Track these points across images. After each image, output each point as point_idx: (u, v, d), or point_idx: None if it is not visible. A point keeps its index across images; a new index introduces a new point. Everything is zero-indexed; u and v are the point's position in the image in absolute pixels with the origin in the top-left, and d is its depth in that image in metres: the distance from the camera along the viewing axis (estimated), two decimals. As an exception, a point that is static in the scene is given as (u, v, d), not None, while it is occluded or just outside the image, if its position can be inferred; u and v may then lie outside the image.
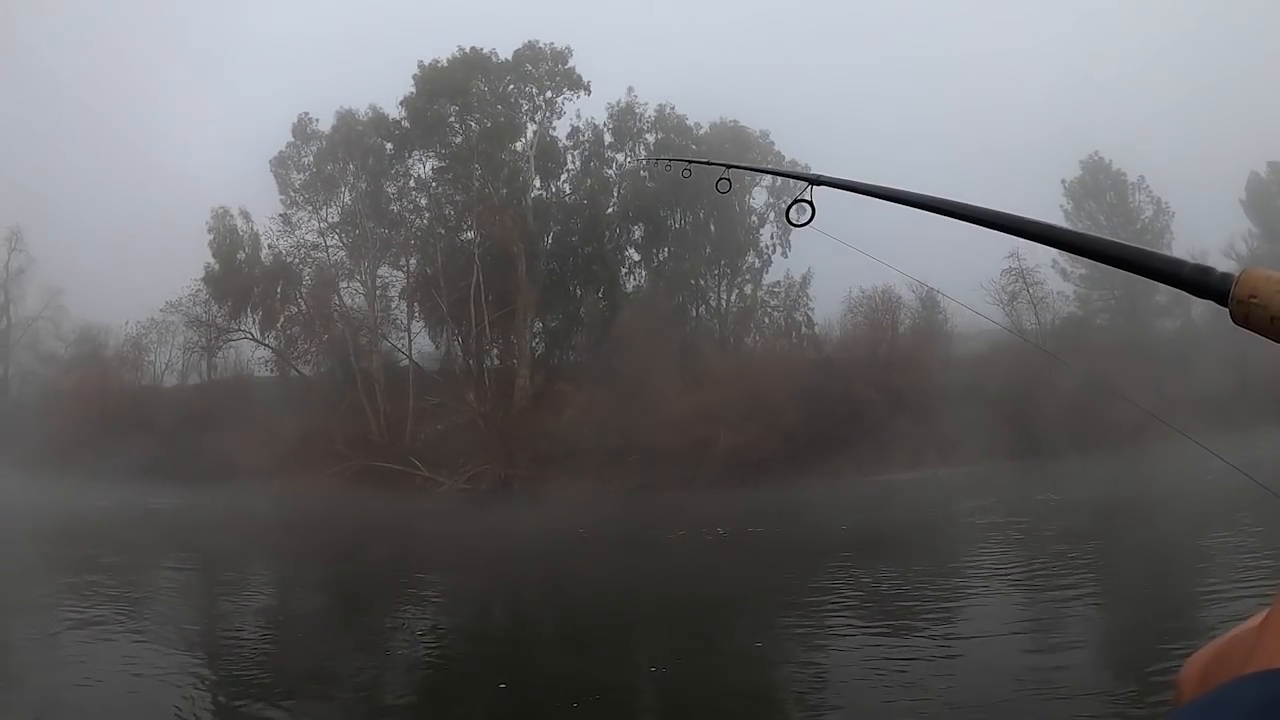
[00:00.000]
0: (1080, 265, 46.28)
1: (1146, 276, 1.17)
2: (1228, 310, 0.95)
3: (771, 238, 47.82)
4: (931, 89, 66.72)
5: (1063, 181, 48.22)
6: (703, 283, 48.37)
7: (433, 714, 10.70)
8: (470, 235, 45.85)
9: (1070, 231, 1.37)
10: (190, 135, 72.06)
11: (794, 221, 2.52)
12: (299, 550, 25.96)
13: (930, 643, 11.81)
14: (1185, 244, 44.96)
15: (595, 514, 30.79)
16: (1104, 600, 14.02)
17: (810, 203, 2.46)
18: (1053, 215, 44.56)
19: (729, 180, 4.49)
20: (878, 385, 37.84)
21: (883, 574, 17.22)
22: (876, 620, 13.45)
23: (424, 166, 48.06)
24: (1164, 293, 42.53)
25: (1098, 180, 47.89)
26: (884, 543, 21.43)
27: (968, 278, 41.26)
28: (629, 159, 48.55)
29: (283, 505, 35.01)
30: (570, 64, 48.12)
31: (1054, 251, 45.43)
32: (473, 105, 46.95)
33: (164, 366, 54.24)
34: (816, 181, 2.48)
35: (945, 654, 11.25)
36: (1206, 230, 44.15)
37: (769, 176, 46.83)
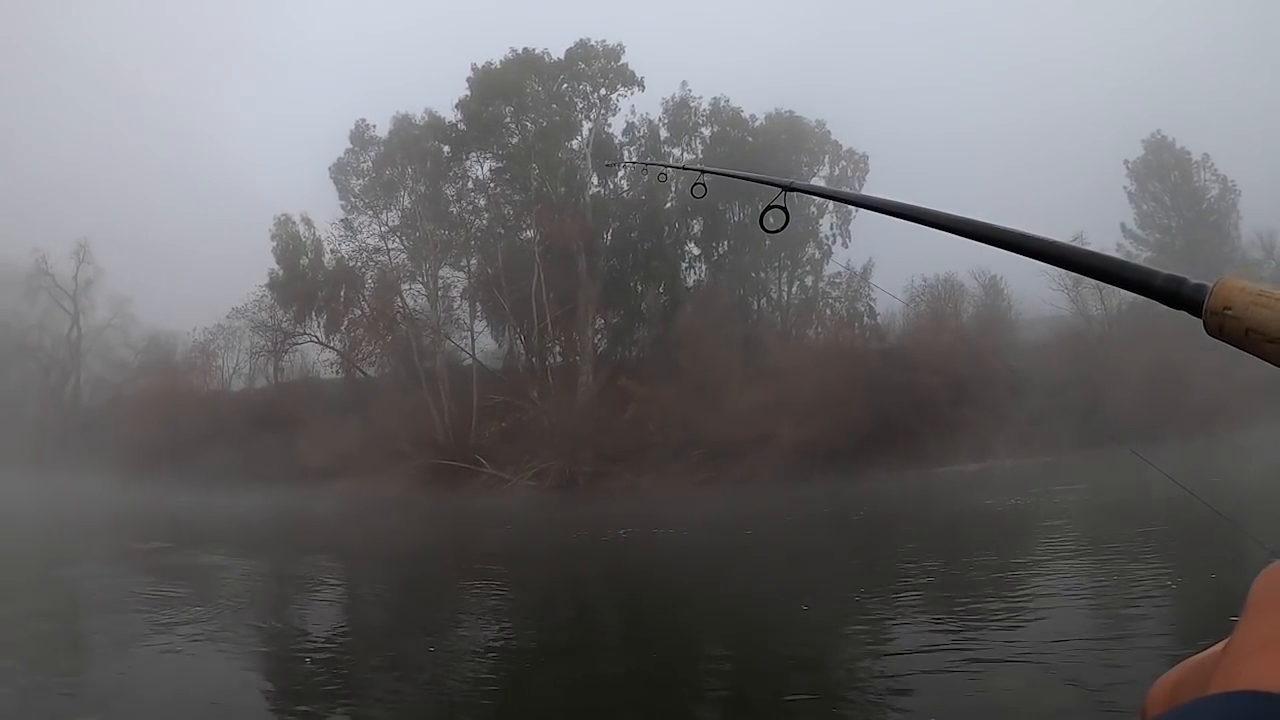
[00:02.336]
0: (1147, 248, 46.27)
1: (1118, 286, 1.22)
2: (1202, 322, 0.97)
3: (831, 228, 48.47)
4: (989, 72, 66.62)
5: (1125, 162, 47.90)
6: (763, 275, 49.43)
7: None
8: (530, 234, 47.42)
9: (1040, 239, 1.40)
10: (251, 145, 75.15)
11: (768, 228, 2.53)
12: (464, 549, 25.75)
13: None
14: (1253, 222, 44.91)
15: (710, 506, 31.14)
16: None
17: (784, 209, 2.47)
18: (1116, 197, 44.86)
19: (704, 185, 4.58)
20: (942, 375, 38.01)
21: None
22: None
23: (482, 168, 49.87)
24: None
25: (1161, 159, 47.38)
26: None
27: (1031, 263, 41.55)
28: (682, 151, 49.42)
29: (373, 504, 36.42)
30: (623, 60, 49.28)
31: (1120, 234, 45.71)
32: (527, 105, 48.43)
33: (231, 371, 56.64)
34: (789, 188, 2.51)
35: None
36: (1275, 208, 43.86)
37: (828, 166, 47.81)
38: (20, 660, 12.26)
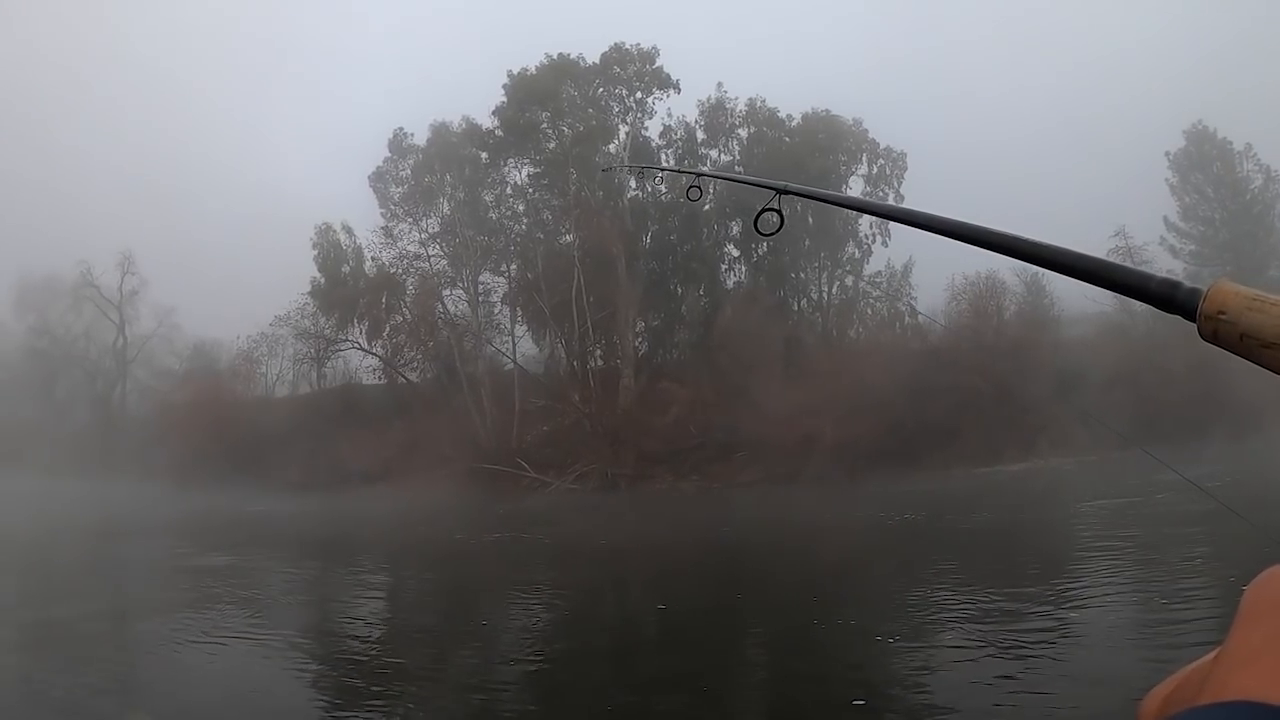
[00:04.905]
0: (1190, 241, 46.26)
1: (1112, 290, 1.21)
2: (1196, 327, 0.97)
3: (870, 227, 48.84)
4: (1026, 68, 66.74)
5: (1167, 154, 47.79)
6: (803, 276, 50.10)
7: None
8: (569, 238, 48.58)
9: (1030, 242, 1.37)
10: (292, 155, 76.81)
11: (762, 231, 2.52)
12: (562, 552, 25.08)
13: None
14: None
15: (768, 506, 31.57)
16: None
17: (779, 211, 2.46)
18: (1157, 190, 44.84)
19: (700, 188, 5.02)
20: (985, 374, 38.25)
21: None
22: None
23: (520, 173, 51.07)
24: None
25: (1203, 150, 47.19)
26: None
27: (1073, 259, 41.75)
28: (719, 153, 50.11)
29: (430, 507, 36.69)
30: (658, 63, 50.10)
31: (1163, 228, 45.74)
32: (564, 110, 49.37)
33: (275, 378, 58.18)
34: (783, 191, 2.48)
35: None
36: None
37: (866, 165, 48.22)
38: (85, 661, 12.88)
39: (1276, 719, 0.48)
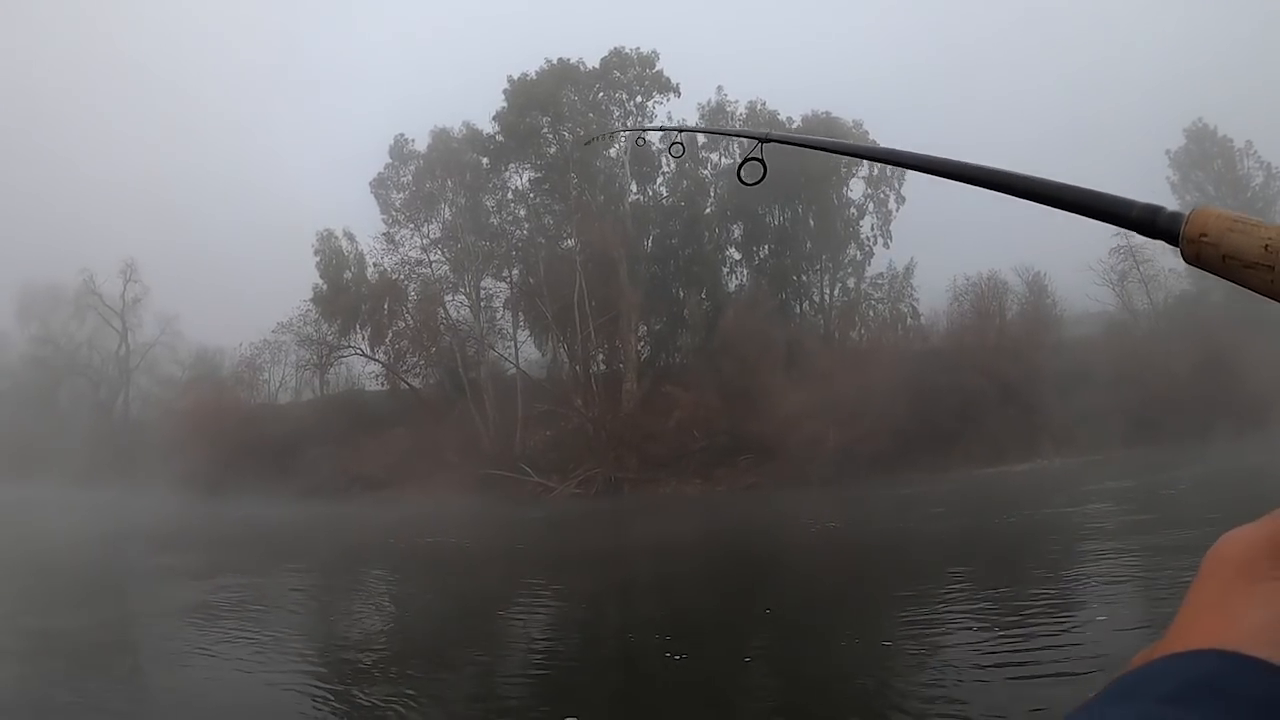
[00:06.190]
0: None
1: (1095, 218, 1.22)
2: (1179, 250, 0.98)
3: (872, 229, 49.16)
4: (1027, 68, 66.94)
5: (1167, 152, 48.26)
6: (805, 278, 50.34)
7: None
8: (571, 243, 48.76)
9: (1009, 174, 1.37)
10: (293, 162, 77.36)
11: (746, 180, 2.43)
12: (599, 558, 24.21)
13: None
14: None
15: (798, 509, 30.70)
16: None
17: (762, 161, 2.37)
18: (1158, 188, 44.94)
19: (682, 144, 4.64)
20: (987, 374, 38.43)
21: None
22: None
23: (521, 178, 51.44)
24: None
25: (1204, 148, 47.63)
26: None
27: (1074, 259, 41.92)
28: (720, 156, 50.27)
29: (441, 513, 36.75)
30: (658, 67, 50.28)
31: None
32: (564, 115, 49.69)
33: (278, 385, 58.45)
34: (766, 139, 2.43)
35: None
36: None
37: (866, 167, 48.32)
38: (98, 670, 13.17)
39: (1228, 664, 0.51)
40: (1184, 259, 0.99)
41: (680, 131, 4.58)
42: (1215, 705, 0.48)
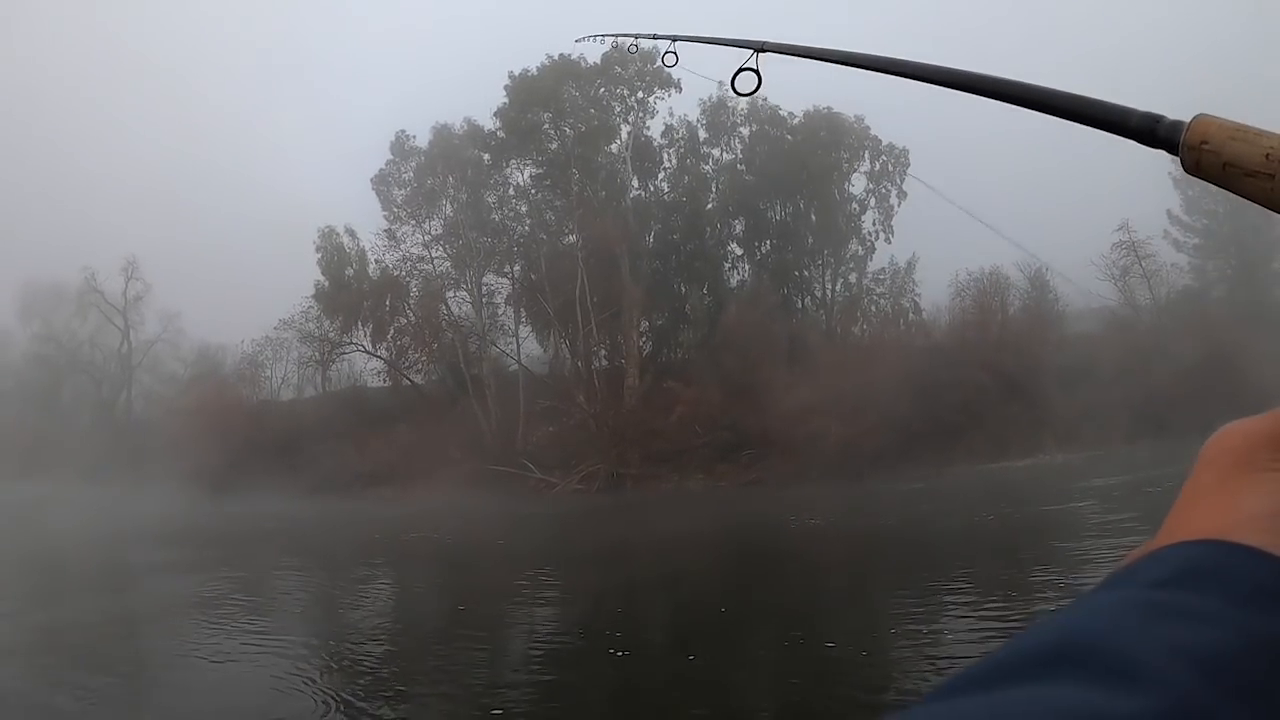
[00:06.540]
0: (1194, 235, 46.20)
1: (1093, 126, 1.19)
2: (1179, 159, 0.97)
3: (874, 224, 49.11)
4: (1027, 60, 66.64)
5: (1168, 150, 47.58)
6: (807, 274, 50.29)
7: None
8: (572, 239, 48.68)
9: (1009, 81, 1.37)
10: (294, 159, 77.32)
11: (739, 90, 2.44)
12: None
13: None
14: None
15: (795, 505, 30.42)
16: None
17: (756, 71, 2.36)
18: (1160, 184, 44.69)
19: (675, 53, 4.33)
20: (990, 370, 38.36)
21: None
22: None
23: (522, 174, 51.29)
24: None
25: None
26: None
27: (1077, 253, 41.84)
28: (721, 152, 50.32)
29: (447, 509, 36.58)
30: (659, 63, 49.74)
31: (1166, 222, 45.67)
32: (565, 111, 49.58)
33: (280, 382, 58.53)
34: (760, 49, 2.41)
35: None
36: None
37: (868, 161, 48.30)
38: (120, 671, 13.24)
39: (1225, 553, 0.50)
40: (1183, 167, 0.99)
41: (674, 40, 4.31)
42: (1210, 592, 0.47)
